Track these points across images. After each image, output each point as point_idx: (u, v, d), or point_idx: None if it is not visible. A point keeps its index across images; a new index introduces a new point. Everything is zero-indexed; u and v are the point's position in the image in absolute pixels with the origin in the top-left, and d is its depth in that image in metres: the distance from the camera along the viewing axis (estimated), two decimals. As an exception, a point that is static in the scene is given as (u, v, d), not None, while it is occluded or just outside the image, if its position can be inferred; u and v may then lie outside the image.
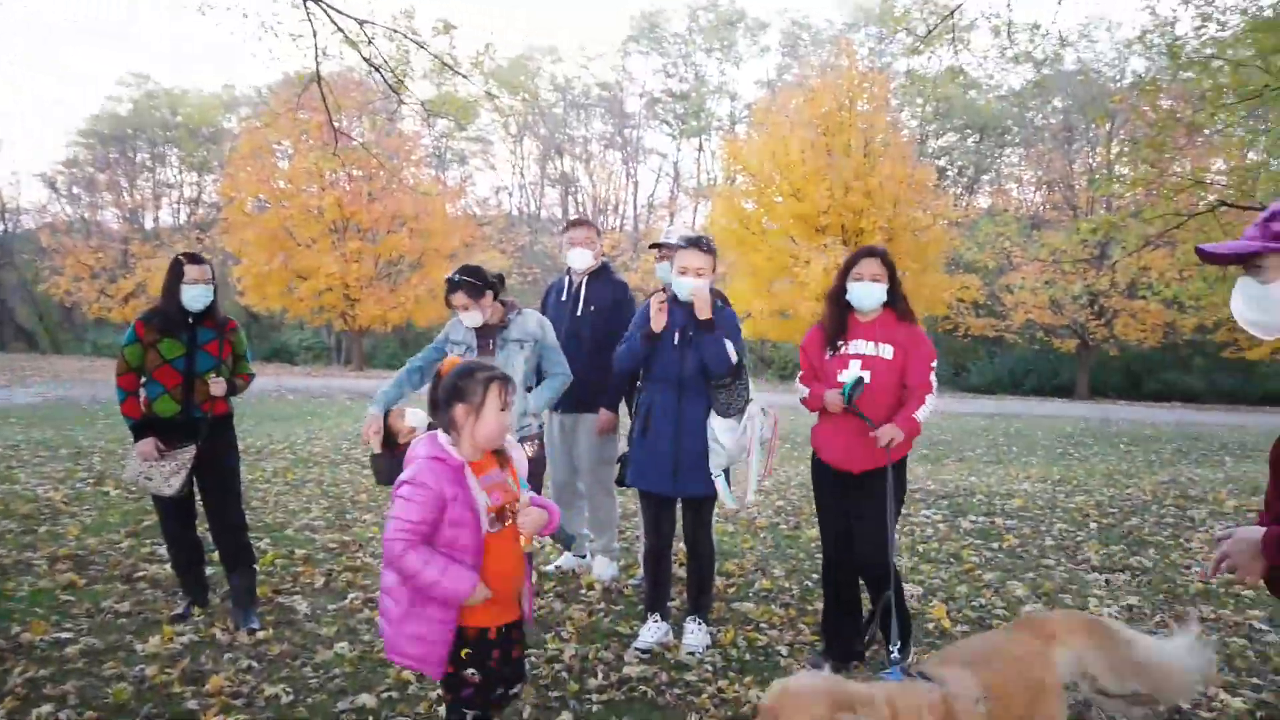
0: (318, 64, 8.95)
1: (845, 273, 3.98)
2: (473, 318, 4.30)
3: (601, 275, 5.42)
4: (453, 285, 4.28)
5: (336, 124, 11.32)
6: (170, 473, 4.35)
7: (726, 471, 4.15)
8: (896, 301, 3.95)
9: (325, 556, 5.72)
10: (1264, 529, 2.00)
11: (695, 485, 4.16)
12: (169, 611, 4.56)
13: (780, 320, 26.42)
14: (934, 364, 3.90)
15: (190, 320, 4.44)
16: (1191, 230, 9.80)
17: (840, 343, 3.97)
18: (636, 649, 4.16)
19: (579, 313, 5.31)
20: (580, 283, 5.38)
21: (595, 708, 3.60)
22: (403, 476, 2.55)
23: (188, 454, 4.39)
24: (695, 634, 4.25)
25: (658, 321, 4.12)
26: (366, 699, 3.61)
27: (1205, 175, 9.80)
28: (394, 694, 3.69)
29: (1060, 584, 5.34)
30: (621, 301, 5.35)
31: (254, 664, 3.96)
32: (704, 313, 4.06)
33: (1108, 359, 28.89)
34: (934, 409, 3.91)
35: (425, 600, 2.54)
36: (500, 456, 2.72)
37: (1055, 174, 30.93)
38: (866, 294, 3.91)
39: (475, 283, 4.27)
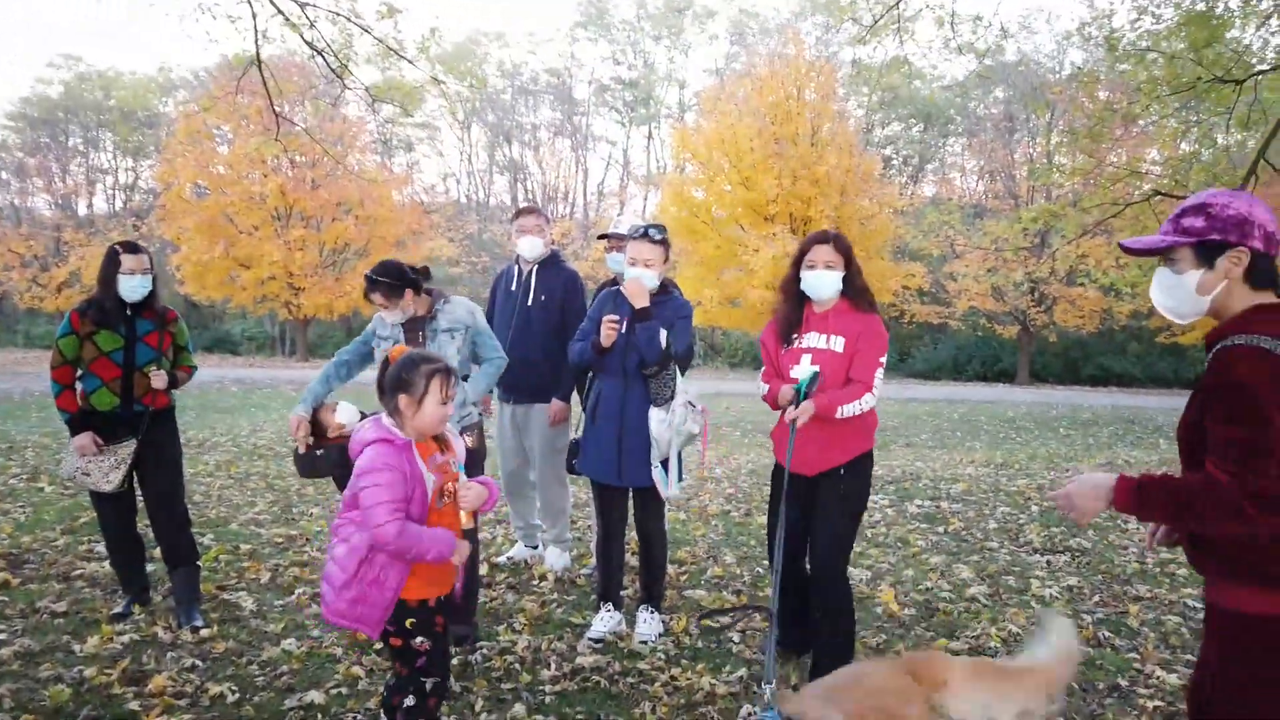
0: (258, 47, 8.73)
1: (798, 261, 3.74)
2: (394, 315, 4.16)
3: (551, 264, 5.37)
4: (370, 284, 4.13)
5: (278, 109, 11.09)
6: (109, 468, 4.23)
7: (665, 462, 4.15)
8: (852, 290, 3.70)
9: (271, 551, 5.62)
10: (1115, 475, 2.12)
11: (641, 476, 4.16)
12: (108, 610, 4.45)
13: (730, 308, 26.59)
14: (882, 360, 3.65)
15: (128, 311, 4.31)
16: (1128, 219, 10.05)
17: (795, 336, 3.77)
18: (589, 639, 4.16)
19: (529, 302, 5.27)
20: (530, 272, 5.33)
21: (548, 699, 3.59)
22: (364, 464, 2.59)
23: (127, 449, 4.27)
24: (648, 623, 4.27)
25: (606, 338, 4.09)
26: (315, 695, 3.55)
27: (1141, 165, 10.05)
28: (344, 690, 3.65)
29: (1003, 566, 5.46)
30: (572, 291, 5.31)
31: (198, 663, 3.88)
32: (639, 301, 4.07)
33: (1047, 345, 29.60)
34: (866, 408, 3.62)
35: (385, 566, 2.61)
36: (440, 440, 2.79)
37: (997, 163, 31.53)
38: (820, 283, 3.66)
39: (391, 282, 4.05)
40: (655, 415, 4.09)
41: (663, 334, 4.07)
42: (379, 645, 3.90)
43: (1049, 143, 28.86)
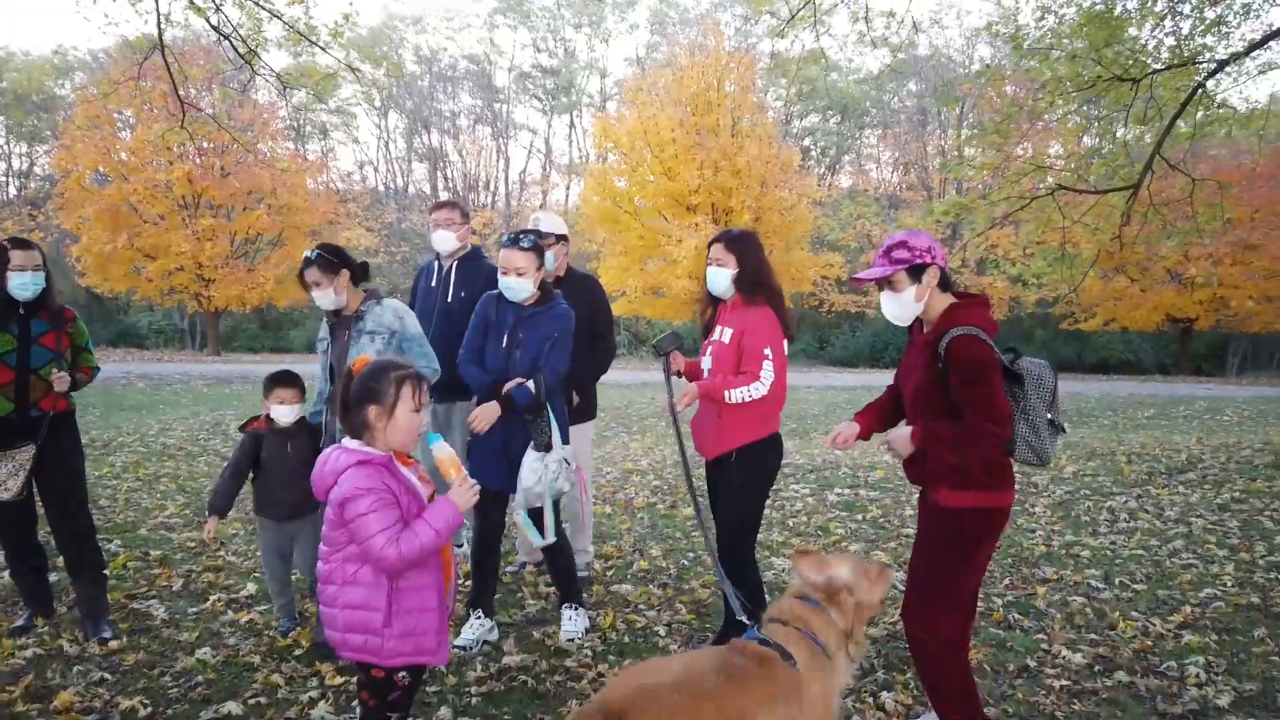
0: (160, 30, 8.38)
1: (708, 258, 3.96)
2: (324, 297, 4.03)
3: (471, 260, 5.30)
4: (307, 261, 4.04)
5: (183, 95, 10.67)
6: (6, 475, 4.03)
7: (536, 512, 4.10)
8: (742, 284, 3.84)
9: (184, 557, 5.45)
10: (913, 427, 3.01)
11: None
12: (9, 624, 4.26)
13: (654, 298, 26.70)
14: (768, 351, 3.71)
15: (21, 311, 4.10)
16: (1034, 211, 10.41)
17: (711, 329, 4.03)
18: (456, 646, 4.03)
19: (449, 299, 5.19)
20: (450, 267, 5.26)
21: (474, 700, 3.57)
22: (345, 493, 2.41)
23: (25, 454, 4.07)
24: (573, 620, 4.27)
25: (480, 425, 4.05)
26: (232, 706, 3.46)
27: (1045, 160, 10.42)
28: (262, 699, 3.56)
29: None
30: (491, 284, 5.25)
31: (107, 676, 3.74)
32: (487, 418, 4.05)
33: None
34: (756, 395, 3.71)
35: (419, 589, 2.51)
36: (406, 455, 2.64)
37: (911, 156, 32.30)
38: (714, 278, 3.90)
39: (328, 257, 4.01)
40: (529, 460, 4.01)
41: (530, 384, 4.00)
42: (337, 670, 3.83)
43: (959, 136, 29.74)
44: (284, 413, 4.11)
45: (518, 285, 4.06)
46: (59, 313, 4.21)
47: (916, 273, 3.02)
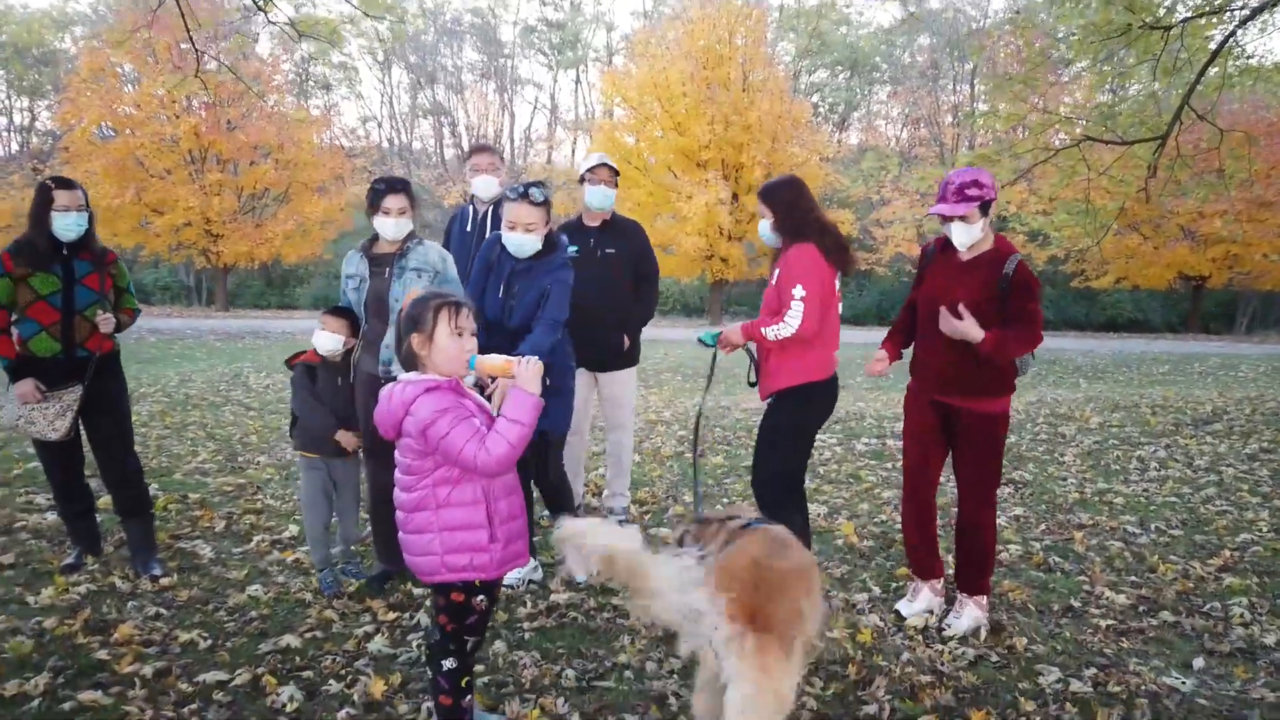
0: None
1: None
2: (400, 225, 4.07)
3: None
4: (391, 187, 4.04)
5: (196, 46, 10.54)
6: (54, 415, 4.04)
7: None
8: (782, 230, 3.90)
9: (222, 500, 5.48)
10: (985, 332, 3.46)
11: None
12: (58, 562, 4.30)
13: (663, 255, 26.56)
14: (796, 290, 3.73)
15: (64, 252, 4.08)
16: (1058, 164, 10.30)
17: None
18: (506, 585, 4.03)
19: (485, 243, 5.16)
20: (485, 212, 5.21)
21: (527, 634, 3.61)
22: (423, 420, 2.44)
23: (73, 395, 4.07)
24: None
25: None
26: (290, 639, 3.50)
27: (1073, 112, 10.28)
28: (318, 633, 3.60)
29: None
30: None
31: (162, 610, 3.78)
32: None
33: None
34: (786, 333, 3.75)
35: (508, 496, 2.61)
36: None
37: (923, 111, 31.91)
38: (760, 231, 4.02)
39: (411, 189, 4.11)
40: None
41: (538, 339, 3.89)
42: (389, 606, 3.87)
43: (973, 90, 29.40)
44: (325, 339, 4.07)
45: (525, 241, 3.90)
46: (101, 254, 4.20)
47: (986, 208, 3.52)
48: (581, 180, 4.85)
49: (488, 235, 5.11)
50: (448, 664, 2.63)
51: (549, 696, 3.09)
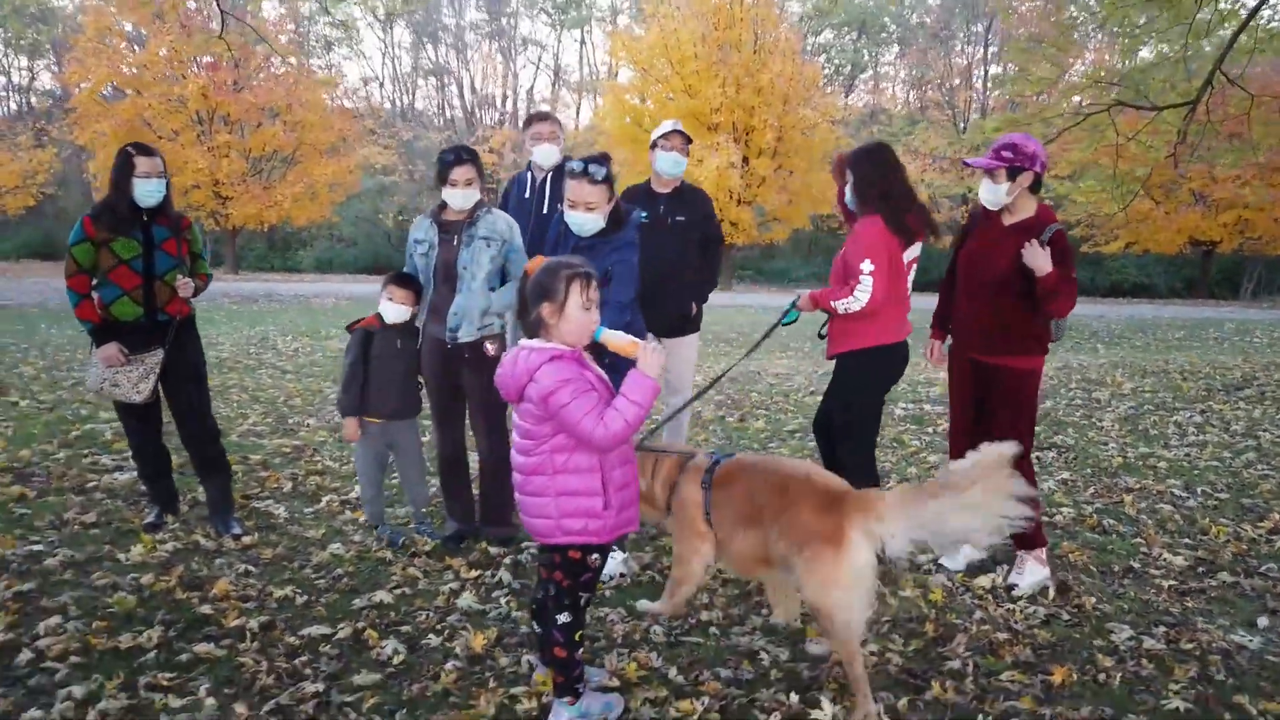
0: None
1: None
2: (469, 195, 4.12)
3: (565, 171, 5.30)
4: (459, 158, 4.09)
5: (222, 7, 10.47)
6: (138, 378, 4.12)
7: None
8: (854, 198, 3.94)
9: (282, 461, 5.58)
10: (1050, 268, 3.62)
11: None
12: (139, 521, 4.40)
13: (673, 219, 26.46)
14: (865, 265, 3.76)
15: (144, 217, 4.14)
16: (1086, 129, 10.30)
17: None
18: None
19: (545, 211, 5.20)
20: (544, 179, 5.25)
21: (609, 593, 3.72)
22: (546, 387, 2.50)
23: (155, 358, 4.15)
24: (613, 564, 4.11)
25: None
26: (382, 595, 3.61)
27: (1102, 77, 10.24)
28: (406, 590, 3.71)
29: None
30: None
31: (250, 568, 3.89)
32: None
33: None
34: (854, 306, 3.80)
35: (622, 465, 2.68)
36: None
37: (935, 74, 31.64)
38: (846, 197, 4.03)
39: (478, 158, 4.17)
40: None
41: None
42: (469, 564, 3.98)
43: (986, 52, 29.12)
44: (393, 311, 4.14)
45: (586, 221, 3.73)
46: (177, 220, 4.26)
47: (1014, 173, 3.69)
48: (653, 146, 4.87)
49: (548, 200, 5.19)
50: (563, 618, 2.73)
51: (641, 651, 3.21)
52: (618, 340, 2.68)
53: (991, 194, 3.76)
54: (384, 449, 4.28)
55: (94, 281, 4.11)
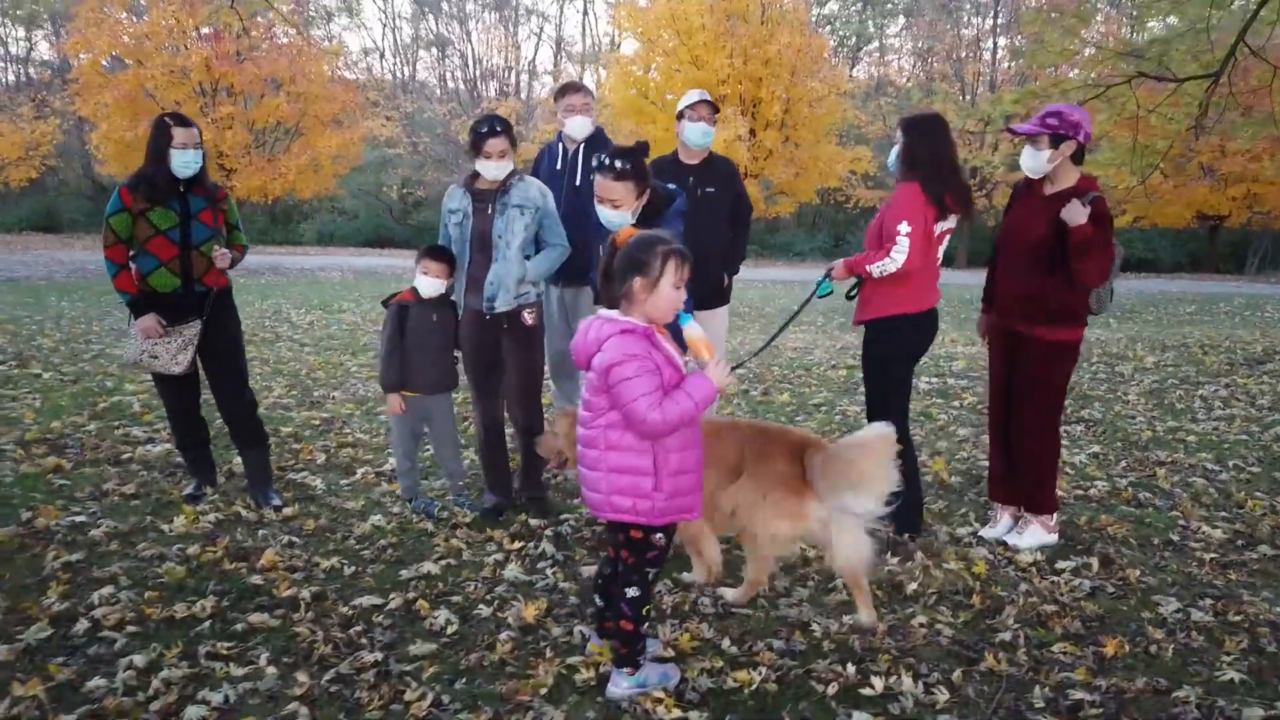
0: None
1: None
2: (502, 166, 4.11)
3: (598, 142, 5.24)
4: (492, 130, 4.07)
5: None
6: (177, 349, 4.11)
7: None
8: (900, 163, 3.94)
9: (313, 434, 5.59)
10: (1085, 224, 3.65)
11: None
12: (177, 492, 4.41)
13: (680, 193, 26.31)
14: (903, 226, 3.78)
15: (180, 188, 4.11)
16: (1104, 102, 10.20)
17: None
18: None
19: (578, 183, 5.15)
20: (576, 151, 5.20)
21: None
22: (611, 357, 2.49)
23: (193, 329, 4.14)
24: None
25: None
26: (429, 566, 3.63)
27: (1121, 47, 10.13)
28: (451, 561, 3.72)
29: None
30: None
31: (294, 539, 3.90)
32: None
33: (983, 229, 30.23)
34: (891, 268, 3.82)
35: (681, 449, 2.63)
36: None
37: (943, 46, 31.35)
38: (890, 158, 4.02)
39: (511, 133, 4.15)
40: None
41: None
42: (511, 535, 3.99)
43: (995, 22, 28.83)
44: (428, 285, 4.14)
45: (613, 216, 3.62)
46: (213, 190, 4.24)
47: (1056, 140, 3.73)
48: (679, 117, 4.82)
49: (580, 171, 5.14)
50: (631, 592, 2.73)
51: (692, 622, 3.22)
52: (696, 337, 2.67)
53: (1033, 160, 3.80)
54: (419, 423, 4.29)
55: (131, 252, 4.09)
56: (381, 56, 44.17)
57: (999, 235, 4.10)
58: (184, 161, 4.07)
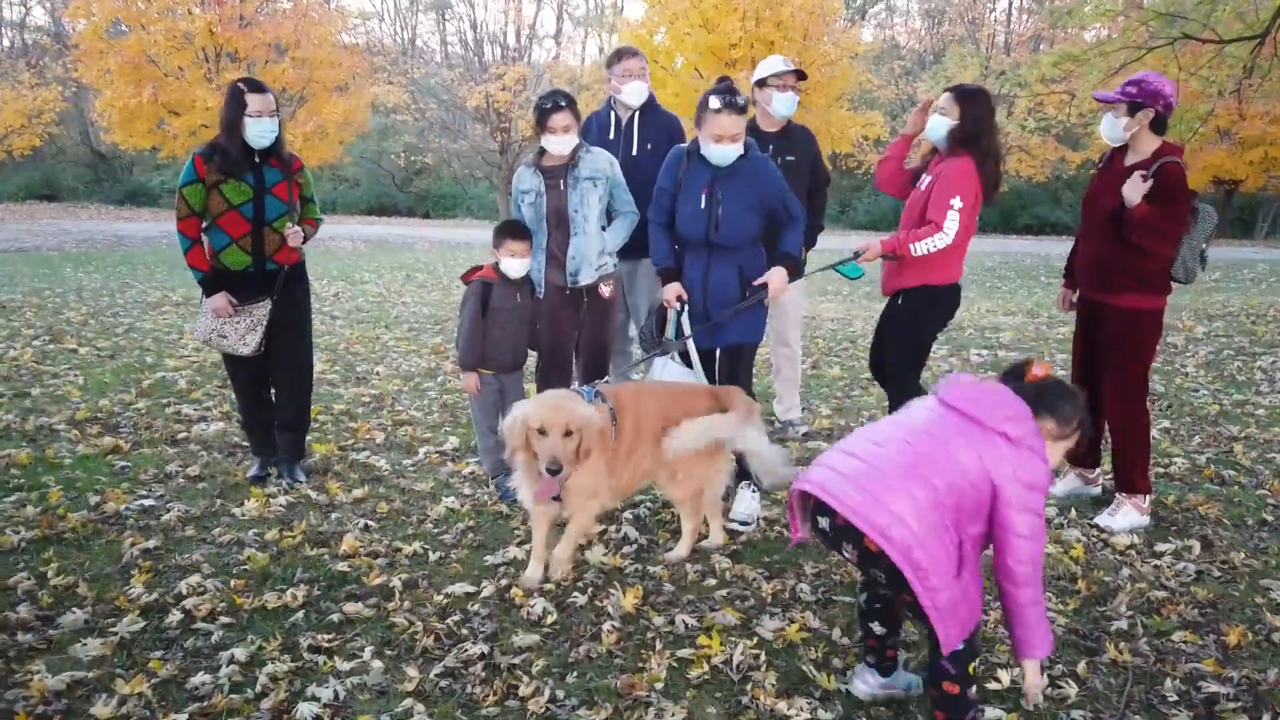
0: None
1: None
2: (567, 141, 4.02)
3: (651, 110, 5.07)
4: (555, 105, 3.96)
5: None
6: (245, 330, 3.99)
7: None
8: (954, 137, 3.81)
9: (365, 411, 5.48)
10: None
11: (730, 335, 3.93)
12: (241, 474, 4.30)
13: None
14: (955, 200, 3.73)
15: (255, 159, 3.95)
16: (1148, 64, 9.99)
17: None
18: (737, 521, 3.93)
19: (634, 152, 4.98)
20: (631, 119, 5.03)
21: (740, 548, 3.64)
22: (1039, 481, 2.23)
23: (263, 309, 4.01)
24: (748, 502, 4.00)
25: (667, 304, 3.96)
26: (515, 552, 3.53)
27: (1168, 7, 9.88)
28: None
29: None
30: (678, 138, 5.05)
31: (370, 523, 3.80)
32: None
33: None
34: (937, 246, 3.77)
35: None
36: None
37: (956, 6, 30.87)
38: (932, 126, 3.89)
39: (574, 102, 4.05)
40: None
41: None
42: None
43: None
44: (516, 265, 4.01)
45: (731, 151, 3.68)
46: (289, 162, 4.07)
47: (1134, 109, 3.71)
48: (762, 85, 4.67)
49: (636, 141, 4.98)
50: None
51: (795, 611, 3.13)
52: None
53: (1110, 128, 3.82)
54: (497, 397, 4.17)
55: (204, 224, 3.95)
56: (381, 21, 43.48)
57: (1082, 204, 4.08)
58: (260, 131, 3.91)
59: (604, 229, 4.26)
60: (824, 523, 2.35)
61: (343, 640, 2.88)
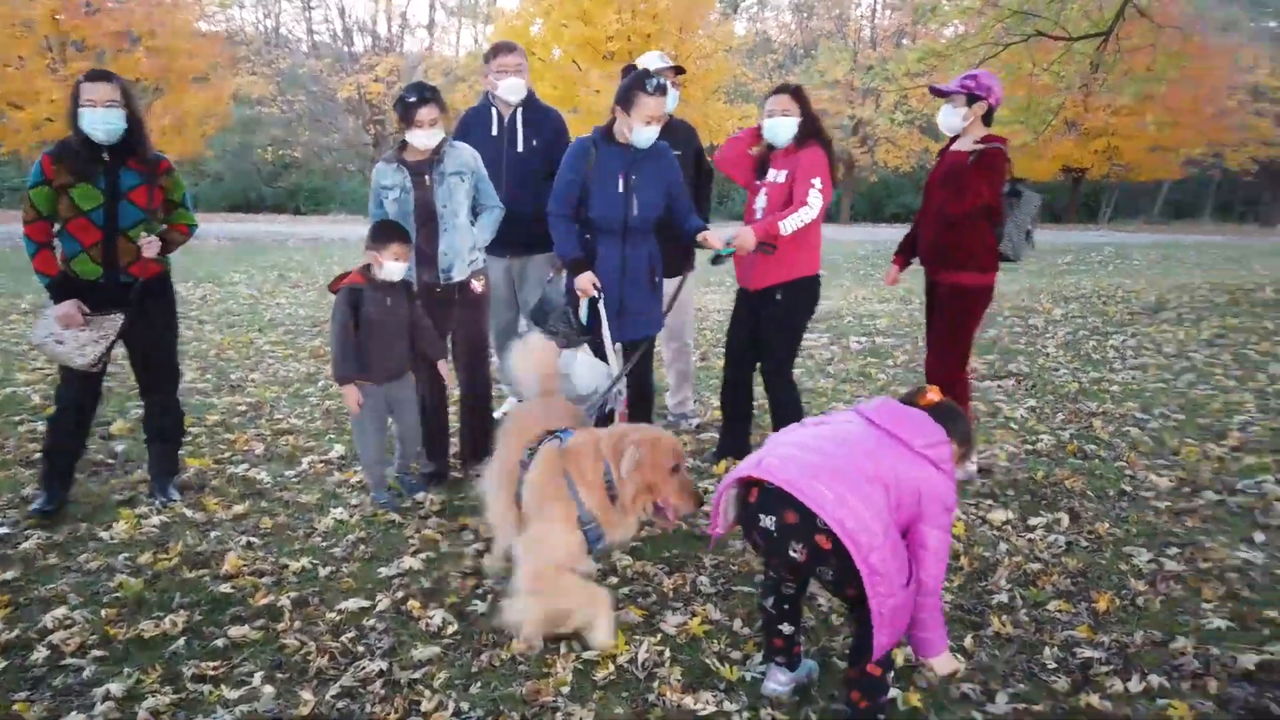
0: None
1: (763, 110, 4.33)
2: (433, 135, 3.98)
3: (531, 105, 5.02)
4: (420, 99, 3.89)
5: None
6: (86, 341, 3.66)
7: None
8: (803, 131, 4.17)
9: (241, 422, 5.23)
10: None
11: (635, 330, 4.08)
12: (108, 493, 4.04)
13: (568, 151, 25.88)
14: (815, 180, 4.07)
15: (106, 158, 3.68)
16: (1003, 59, 10.51)
17: (768, 170, 4.28)
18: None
19: (520, 149, 4.93)
20: (513, 115, 4.96)
21: (642, 545, 3.65)
22: (948, 501, 2.34)
23: (113, 324, 3.71)
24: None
25: (583, 294, 3.99)
26: (411, 562, 3.44)
27: (1024, 5, 10.40)
28: (429, 554, 3.54)
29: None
30: (563, 134, 5.02)
31: (253, 540, 3.64)
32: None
33: (865, 183, 31.08)
34: (807, 219, 4.06)
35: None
36: None
37: (825, 2, 31.73)
38: (777, 128, 4.17)
39: (439, 96, 4.01)
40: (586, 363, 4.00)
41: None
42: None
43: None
44: (395, 268, 3.88)
45: (654, 132, 3.93)
46: (153, 163, 3.79)
47: (971, 100, 4.12)
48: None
49: (520, 137, 4.91)
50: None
51: (696, 604, 3.16)
52: None
53: (948, 117, 4.22)
54: (384, 408, 4.04)
55: (55, 228, 3.67)
56: (242, 8, 41.53)
57: (923, 189, 4.46)
58: (92, 121, 3.57)
59: (472, 224, 4.21)
60: (768, 521, 2.33)
61: (229, 666, 2.74)
